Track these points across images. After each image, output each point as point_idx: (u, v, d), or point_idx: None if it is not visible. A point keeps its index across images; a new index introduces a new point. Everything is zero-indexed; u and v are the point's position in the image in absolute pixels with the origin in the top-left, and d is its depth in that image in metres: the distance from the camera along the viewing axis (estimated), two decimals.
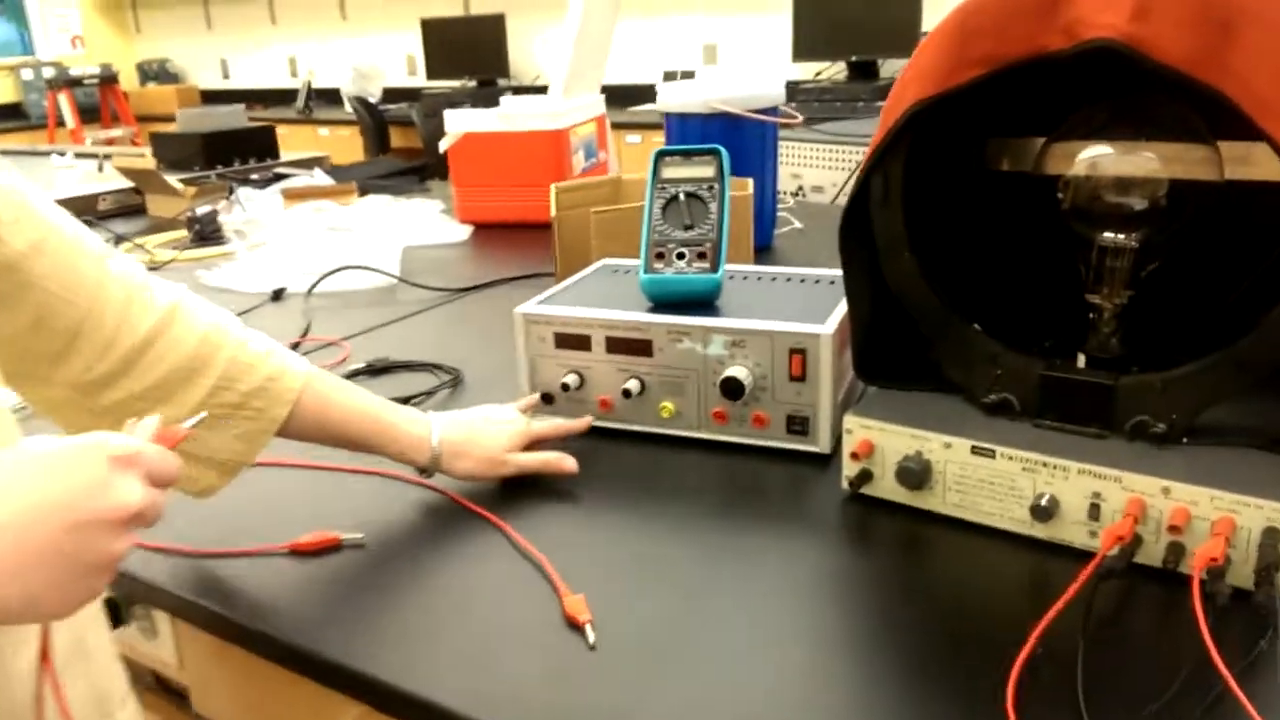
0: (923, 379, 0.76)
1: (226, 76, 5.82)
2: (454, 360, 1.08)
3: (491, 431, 0.78)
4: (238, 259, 1.53)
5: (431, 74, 4.76)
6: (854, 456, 0.72)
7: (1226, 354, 0.62)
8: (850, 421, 0.72)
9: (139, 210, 2.09)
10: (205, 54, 5.84)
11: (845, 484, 0.74)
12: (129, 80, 5.68)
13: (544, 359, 0.87)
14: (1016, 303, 0.77)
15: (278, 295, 1.38)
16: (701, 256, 0.84)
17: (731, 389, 0.79)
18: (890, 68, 3.59)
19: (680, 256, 0.85)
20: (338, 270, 1.37)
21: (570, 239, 1.21)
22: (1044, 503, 0.65)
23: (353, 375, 1.05)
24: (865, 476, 0.72)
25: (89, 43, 5.71)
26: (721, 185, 0.87)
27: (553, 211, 1.14)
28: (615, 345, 0.84)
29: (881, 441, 0.71)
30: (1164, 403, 0.65)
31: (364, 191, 2.03)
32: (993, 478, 0.67)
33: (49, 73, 4.95)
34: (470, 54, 4.64)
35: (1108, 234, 0.70)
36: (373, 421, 0.74)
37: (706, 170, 0.88)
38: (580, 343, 0.85)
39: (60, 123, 4.84)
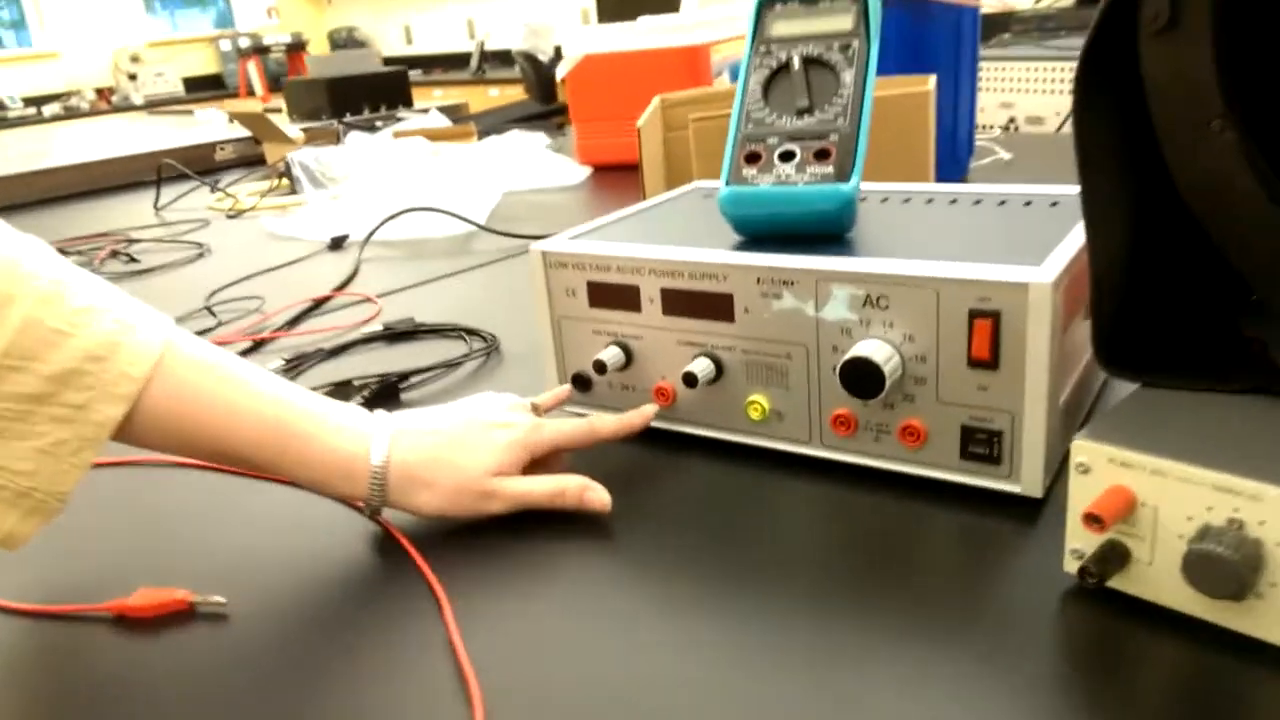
0: (1234, 373, 0.40)
1: (410, 42, 5.84)
2: (503, 323, 0.80)
3: (474, 443, 0.49)
4: (308, 205, 1.32)
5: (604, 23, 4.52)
6: (1092, 519, 0.37)
7: None
8: (1086, 449, 0.37)
9: (260, 160, 1.95)
10: (390, 21, 5.89)
11: (1071, 566, 0.39)
12: (320, 48, 5.79)
13: (574, 323, 0.57)
14: None
15: (337, 244, 1.15)
16: (822, 157, 0.50)
17: (862, 378, 0.45)
18: None
19: (787, 157, 0.51)
20: (399, 215, 1.12)
21: (679, 163, 0.90)
22: None
23: (364, 342, 0.79)
24: (1114, 557, 0.37)
25: (283, 14, 5.88)
26: (866, 46, 0.53)
27: (640, 121, 0.82)
28: (676, 302, 0.52)
29: (1151, 492, 0.36)
30: None
31: (485, 135, 1.80)
32: None
33: (244, 43, 5.10)
34: (642, 0, 4.36)
35: None
36: (272, 430, 0.46)
37: (840, 21, 0.54)
38: (625, 298, 0.54)
39: (251, 90, 4.99)
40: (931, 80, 0.85)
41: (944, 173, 1.01)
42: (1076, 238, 0.47)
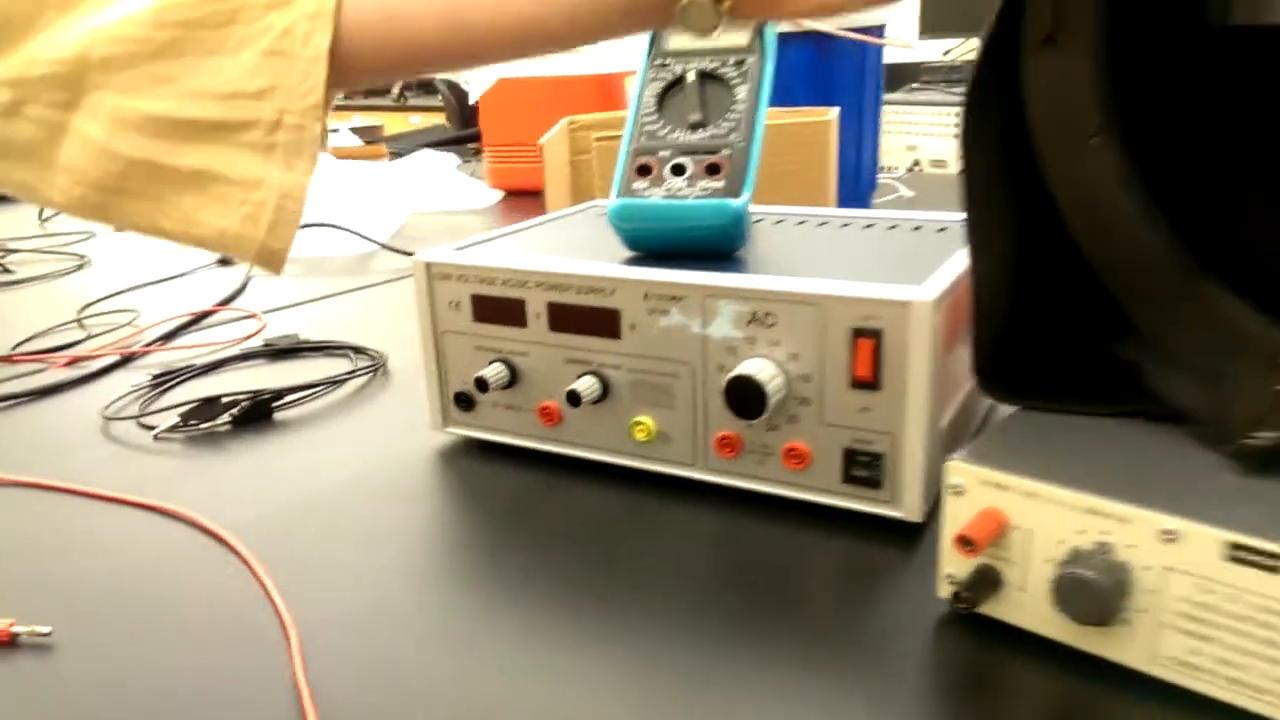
0: (1110, 396, 0.40)
1: None
2: (393, 341, 0.77)
3: None
4: None
5: None
6: (964, 542, 0.36)
7: None
8: (960, 470, 0.37)
9: None
10: None
11: (945, 591, 0.38)
12: None
13: (457, 338, 0.54)
14: None
15: (226, 259, 1.10)
16: (713, 171, 0.50)
17: (746, 397, 0.44)
18: None
19: (678, 171, 0.50)
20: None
21: (585, 185, 0.88)
22: None
23: (242, 359, 0.75)
24: (986, 582, 0.36)
25: None
26: (761, 63, 0.52)
27: (544, 139, 0.81)
28: (563, 318, 0.50)
29: (1024, 515, 0.35)
30: None
31: (396, 156, 1.76)
32: (1271, 613, 0.31)
33: None
34: None
35: None
36: None
37: (736, 38, 0.53)
38: (510, 313, 0.52)
39: None
40: (834, 111, 0.86)
41: (846, 205, 1.02)
42: (961, 260, 0.47)
